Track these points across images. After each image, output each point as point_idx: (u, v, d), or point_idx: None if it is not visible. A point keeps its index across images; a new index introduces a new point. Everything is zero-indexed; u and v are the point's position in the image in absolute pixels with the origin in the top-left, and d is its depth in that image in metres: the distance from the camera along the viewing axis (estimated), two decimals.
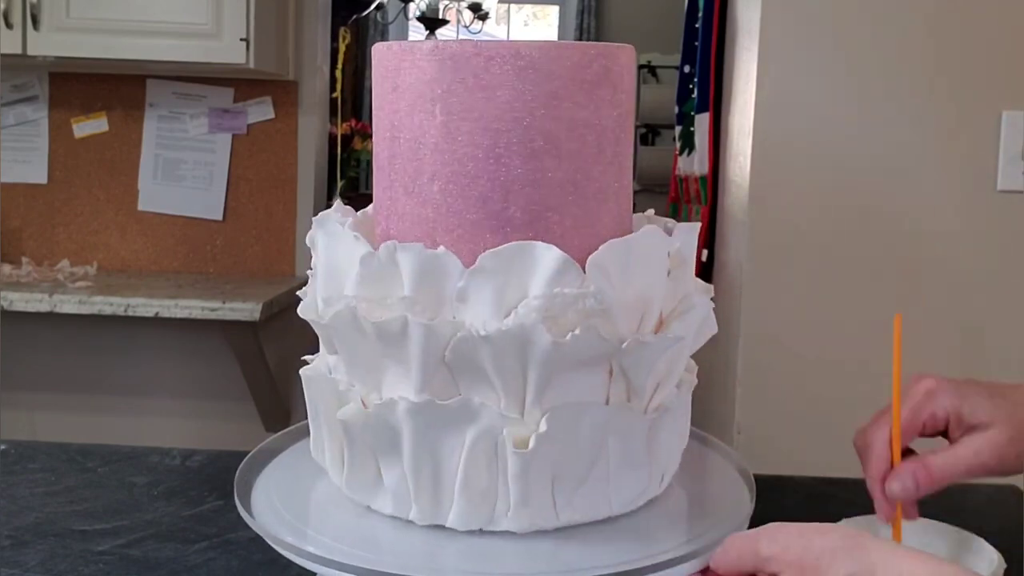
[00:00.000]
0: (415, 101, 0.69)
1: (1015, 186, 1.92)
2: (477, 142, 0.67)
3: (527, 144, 0.67)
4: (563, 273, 0.65)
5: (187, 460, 1.08)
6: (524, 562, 0.68)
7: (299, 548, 0.66)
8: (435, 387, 0.66)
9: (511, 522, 0.68)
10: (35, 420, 2.86)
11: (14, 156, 2.86)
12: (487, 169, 0.67)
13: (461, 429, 0.66)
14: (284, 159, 2.87)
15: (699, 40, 2.54)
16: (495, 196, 0.67)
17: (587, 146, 0.69)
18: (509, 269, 0.65)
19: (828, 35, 1.95)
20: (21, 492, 0.99)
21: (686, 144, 2.70)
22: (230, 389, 2.84)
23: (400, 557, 0.69)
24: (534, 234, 0.67)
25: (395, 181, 0.71)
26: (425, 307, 0.66)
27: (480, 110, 0.67)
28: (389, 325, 0.65)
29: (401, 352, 0.66)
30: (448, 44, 0.68)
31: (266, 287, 2.66)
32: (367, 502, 0.72)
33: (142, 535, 0.89)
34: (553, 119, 0.67)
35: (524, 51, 0.66)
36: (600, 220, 0.70)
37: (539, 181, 0.68)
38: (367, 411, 0.68)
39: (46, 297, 2.45)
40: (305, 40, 2.87)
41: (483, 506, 0.68)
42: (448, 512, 0.69)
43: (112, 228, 2.90)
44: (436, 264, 0.66)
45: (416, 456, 0.67)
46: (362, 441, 0.70)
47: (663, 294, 0.71)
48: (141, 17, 2.49)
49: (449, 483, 0.68)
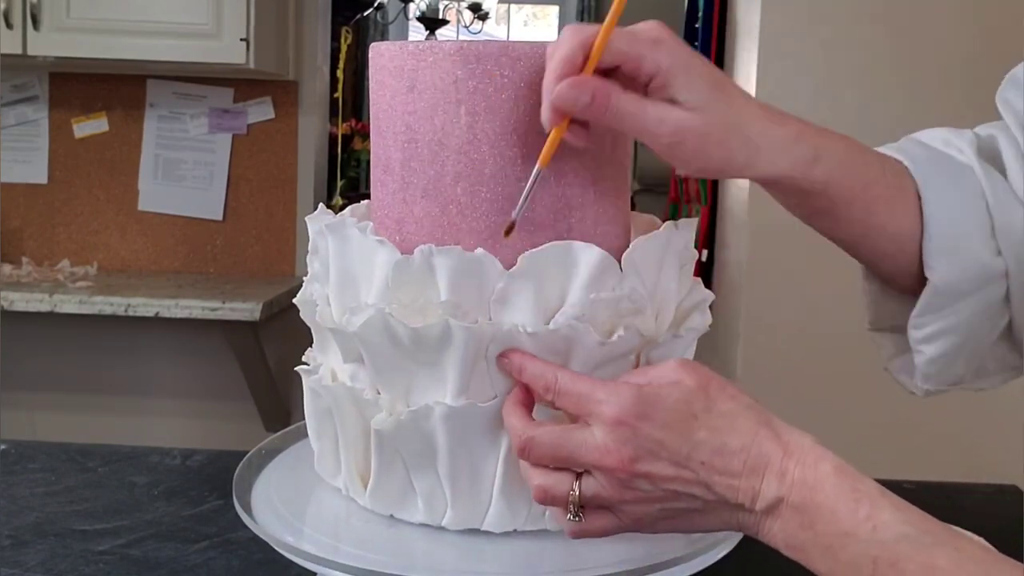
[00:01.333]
0: (436, 102, 0.68)
1: (1015, 186, 1.92)
2: (503, 143, 0.67)
3: None
4: (604, 272, 0.65)
5: (187, 460, 1.08)
6: (526, 561, 0.68)
7: (297, 548, 0.66)
8: (471, 392, 0.66)
9: (549, 521, 0.69)
10: (35, 420, 2.86)
11: (14, 156, 2.86)
12: (515, 171, 0.67)
13: (498, 431, 0.67)
14: (284, 159, 2.87)
15: (699, 40, 2.54)
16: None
17: (604, 146, 0.69)
18: (548, 269, 0.65)
19: (827, 35, 1.95)
20: (21, 492, 0.99)
21: None
22: (230, 389, 2.84)
23: (398, 557, 0.69)
24: (558, 234, 0.68)
25: (411, 183, 0.70)
26: (467, 311, 0.66)
27: (508, 111, 0.67)
28: (429, 331, 0.64)
29: (438, 357, 0.65)
30: (473, 44, 0.67)
31: (266, 287, 2.66)
32: (393, 512, 0.71)
33: (142, 535, 0.89)
34: (575, 120, 0.66)
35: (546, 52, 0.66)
36: (615, 218, 0.71)
37: (562, 181, 0.68)
38: (401, 419, 0.67)
39: (46, 297, 2.45)
40: (305, 40, 2.87)
41: (521, 507, 0.68)
42: (484, 515, 0.69)
43: (112, 228, 2.90)
44: (476, 266, 0.65)
45: (453, 461, 0.67)
46: (392, 450, 0.69)
47: (678, 288, 0.73)
48: (141, 17, 2.49)
49: (487, 486, 0.68)
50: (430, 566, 0.69)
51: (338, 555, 0.66)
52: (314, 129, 2.89)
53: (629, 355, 0.67)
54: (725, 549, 0.67)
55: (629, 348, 0.66)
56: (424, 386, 0.67)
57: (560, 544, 0.69)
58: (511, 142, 0.67)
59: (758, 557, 0.58)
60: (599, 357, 0.65)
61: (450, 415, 0.66)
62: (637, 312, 0.66)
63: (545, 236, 0.67)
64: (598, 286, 0.65)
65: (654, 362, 0.67)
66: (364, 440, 0.71)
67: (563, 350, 0.65)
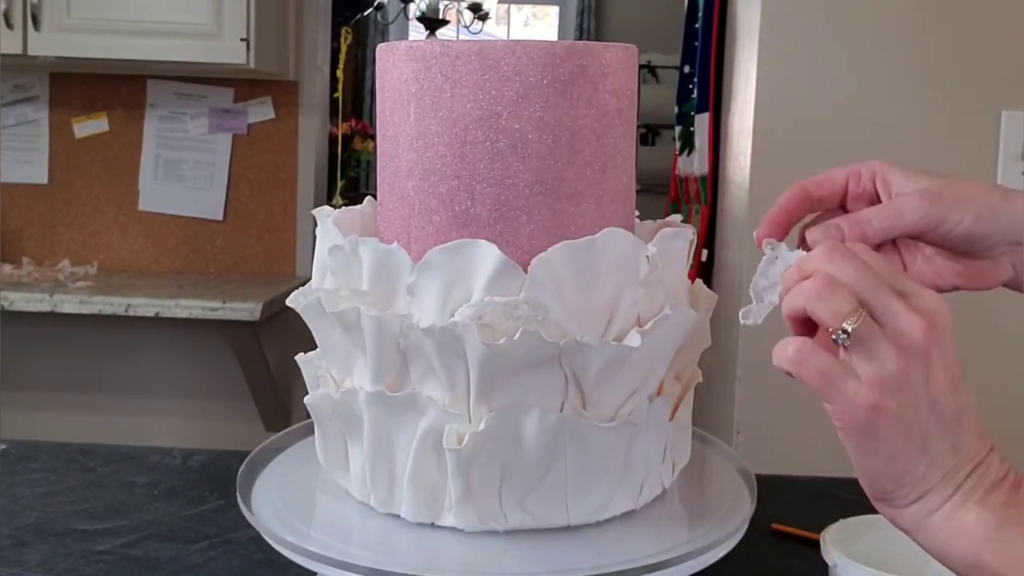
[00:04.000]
0: (396, 101, 0.70)
1: (1015, 186, 1.92)
2: (445, 141, 0.68)
3: (492, 143, 0.67)
4: (502, 275, 0.65)
5: (188, 460, 1.08)
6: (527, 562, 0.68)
7: (299, 546, 0.67)
8: (390, 379, 0.68)
9: (456, 519, 0.68)
10: (36, 420, 2.86)
11: (15, 156, 2.86)
12: (454, 168, 0.68)
13: (413, 422, 0.67)
14: (284, 159, 2.87)
15: (699, 40, 2.54)
16: (461, 195, 0.68)
17: (560, 146, 0.68)
18: (455, 266, 0.65)
19: (827, 35, 1.95)
20: (22, 492, 0.99)
21: (686, 144, 2.70)
22: (230, 389, 2.84)
23: (400, 556, 0.69)
24: (499, 233, 0.67)
25: (383, 179, 0.73)
26: (377, 299, 0.68)
27: (447, 109, 0.67)
28: (346, 316, 0.67)
29: (361, 342, 0.68)
30: (421, 44, 0.69)
31: (266, 287, 2.66)
32: (341, 483, 0.75)
33: (143, 535, 0.89)
34: (519, 118, 0.67)
35: (489, 50, 0.66)
36: (575, 222, 0.69)
37: (504, 181, 0.67)
38: (335, 397, 0.70)
39: (47, 297, 2.45)
40: (305, 40, 2.87)
41: (430, 501, 0.69)
42: (401, 503, 0.70)
43: (113, 228, 2.90)
44: (389, 259, 0.67)
45: (373, 445, 0.69)
46: (332, 426, 0.73)
47: (635, 300, 0.68)
48: (142, 17, 2.50)
49: (400, 475, 0.69)
50: (429, 565, 0.69)
51: (338, 554, 0.66)
52: (314, 129, 2.89)
53: (543, 367, 0.65)
54: (724, 550, 0.67)
55: (532, 356, 0.64)
56: (359, 370, 0.70)
57: (581, 543, 0.69)
58: (451, 140, 0.68)
59: (759, 557, 0.58)
60: (494, 362, 0.64)
61: (367, 400, 0.68)
62: (541, 320, 0.64)
63: (487, 236, 0.67)
64: (498, 289, 0.64)
65: (591, 374, 0.65)
66: None
67: (459, 350, 0.64)
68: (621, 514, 0.71)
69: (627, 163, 0.73)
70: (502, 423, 0.65)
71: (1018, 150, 1.90)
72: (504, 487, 0.67)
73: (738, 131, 2.16)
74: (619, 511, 0.71)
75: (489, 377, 0.64)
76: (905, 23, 1.93)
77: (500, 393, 0.65)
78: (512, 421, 0.65)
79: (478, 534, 0.69)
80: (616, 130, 0.71)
